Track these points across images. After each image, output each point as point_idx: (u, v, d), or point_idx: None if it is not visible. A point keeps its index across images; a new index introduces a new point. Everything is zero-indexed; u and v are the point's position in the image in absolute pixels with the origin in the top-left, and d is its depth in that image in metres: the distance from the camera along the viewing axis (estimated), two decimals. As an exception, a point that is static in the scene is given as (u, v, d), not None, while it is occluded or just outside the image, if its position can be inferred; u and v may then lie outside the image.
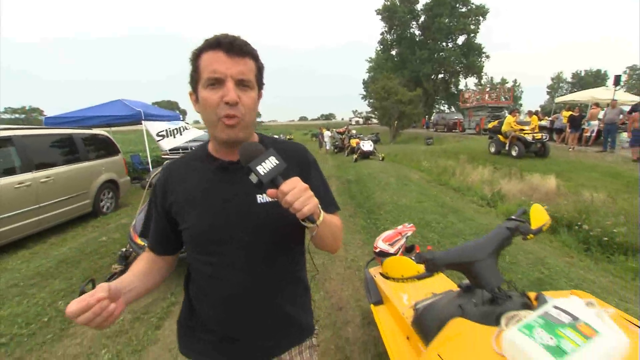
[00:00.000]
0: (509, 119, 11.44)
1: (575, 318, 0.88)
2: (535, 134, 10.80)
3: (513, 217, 1.45)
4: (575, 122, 12.25)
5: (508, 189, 7.23)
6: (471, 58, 38.91)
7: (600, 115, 12.16)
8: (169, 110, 15.86)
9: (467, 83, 42.99)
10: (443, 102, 45.38)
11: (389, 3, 38.67)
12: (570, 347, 0.81)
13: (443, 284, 2.09)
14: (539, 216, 1.42)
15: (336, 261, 3.67)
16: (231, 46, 0.79)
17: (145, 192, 4.25)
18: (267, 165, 0.74)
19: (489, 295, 1.23)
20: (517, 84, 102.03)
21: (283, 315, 0.95)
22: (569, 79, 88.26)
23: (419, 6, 39.32)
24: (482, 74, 40.94)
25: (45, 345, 2.33)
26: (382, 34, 41.00)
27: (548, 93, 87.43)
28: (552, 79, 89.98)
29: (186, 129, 8.96)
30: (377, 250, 2.19)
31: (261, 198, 0.88)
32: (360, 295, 2.91)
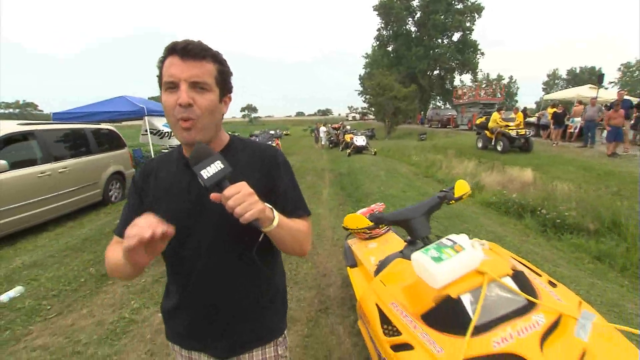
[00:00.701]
0: (494, 115, 12.01)
1: (454, 242, 1.42)
2: (519, 130, 11.37)
3: (445, 189, 2.00)
4: (559, 119, 12.83)
5: (488, 180, 7.80)
6: (466, 55, 39.42)
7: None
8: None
9: (463, 79, 43.41)
10: (439, 98, 45.86)
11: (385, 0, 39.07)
12: (446, 257, 1.36)
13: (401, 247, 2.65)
14: (461, 188, 1.97)
15: (323, 240, 4.23)
16: (185, 51, 0.82)
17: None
18: (212, 169, 0.75)
19: (421, 244, 1.78)
20: (513, 81, 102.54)
21: (247, 313, 0.98)
22: (564, 76, 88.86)
23: (415, 2, 39.70)
24: (477, 70, 41.54)
25: (86, 298, 2.93)
26: (378, 30, 41.38)
27: (544, 89, 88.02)
28: (548, 76, 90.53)
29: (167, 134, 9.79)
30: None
31: None
32: (342, 266, 3.46)
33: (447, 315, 1.28)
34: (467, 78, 42.76)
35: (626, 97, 10.89)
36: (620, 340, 1.20)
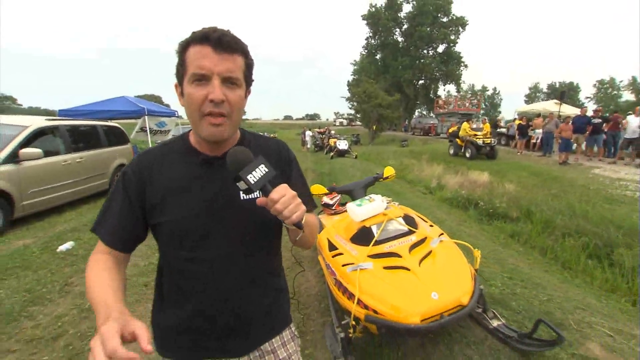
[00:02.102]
0: (464, 125, 13.27)
1: (370, 197, 2.47)
2: (485, 139, 12.62)
3: (378, 173, 3.05)
4: (522, 130, 14.20)
5: (451, 182, 8.94)
6: (450, 66, 41.07)
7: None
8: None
9: (447, 90, 45.09)
10: (424, 107, 47.49)
11: (373, 10, 40.51)
12: (364, 204, 2.40)
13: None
14: (388, 172, 3.02)
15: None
16: (219, 42, 0.77)
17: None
18: (257, 173, 0.75)
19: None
20: (497, 92, 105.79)
21: (263, 307, 0.96)
22: (545, 89, 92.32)
23: (403, 14, 41.20)
24: (461, 81, 43.28)
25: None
26: (366, 39, 42.70)
27: (525, 102, 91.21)
28: (530, 89, 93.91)
29: (162, 132, 10.82)
30: (323, 202, 3.73)
31: (244, 195, 0.88)
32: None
33: (362, 236, 2.31)
34: (451, 88, 44.41)
35: (589, 114, 12.18)
36: (452, 246, 2.27)
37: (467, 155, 12.87)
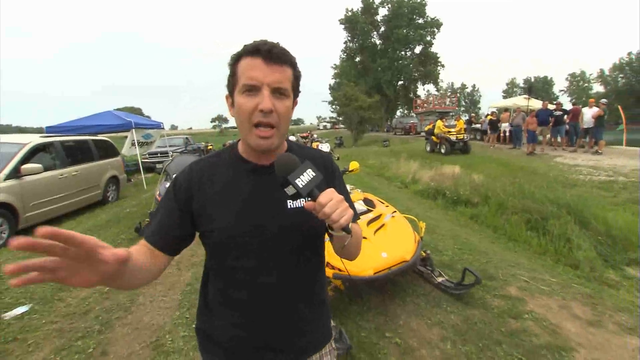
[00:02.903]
0: (438, 123, 14.05)
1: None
2: (458, 135, 13.41)
3: (346, 167, 3.62)
4: (493, 125, 15.07)
5: (425, 176, 9.60)
6: (428, 66, 42.29)
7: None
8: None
9: (426, 89, 46.21)
10: (405, 107, 48.60)
11: (350, 14, 41.45)
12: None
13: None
14: (353, 165, 3.59)
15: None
16: (269, 54, 0.80)
17: (162, 175, 5.87)
18: (305, 177, 0.75)
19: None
20: (476, 89, 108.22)
21: (305, 320, 0.95)
22: (521, 84, 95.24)
23: (379, 17, 42.23)
24: (439, 80, 44.54)
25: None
26: (345, 42, 43.48)
27: (503, 97, 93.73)
28: (507, 84, 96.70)
29: (147, 143, 11.26)
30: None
31: (291, 204, 0.88)
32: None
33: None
34: (431, 87, 45.55)
35: (550, 106, 13.08)
36: (402, 220, 2.87)
37: (442, 151, 13.62)
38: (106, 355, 2.27)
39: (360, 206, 2.96)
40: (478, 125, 18.89)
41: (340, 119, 31.81)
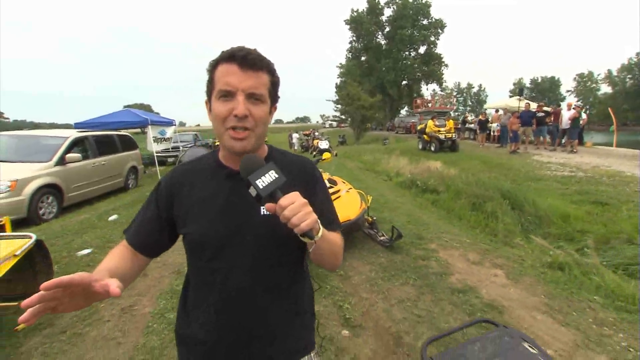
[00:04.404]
0: (429, 122, 15.05)
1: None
2: (447, 134, 14.41)
3: (319, 156, 4.74)
4: (482, 125, 16.02)
5: (412, 171, 10.65)
6: (432, 66, 42.93)
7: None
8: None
9: (433, 89, 46.68)
10: (407, 106, 49.30)
11: (355, 14, 42.29)
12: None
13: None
14: (326, 156, 4.72)
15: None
16: (244, 60, 0.81)
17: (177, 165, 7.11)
18: (267, 179, 0.74)
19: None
20: (482, 89, 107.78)
21: (279, 329, 0.94)
22: (528, 85, 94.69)
23: (384, 18, 42.82)
24: (443, 80, 45.13)
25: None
26: (350, 42, 44.35)
27: (510, 97, 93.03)
28: (514, 84, 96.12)
29: (165, 140, 12.30)
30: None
31: (264, 210, 0.87)
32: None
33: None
34: (435, 88, 46.07)
35: (533, 109, 13.99)
36: (354, 193, 4.01)
37: (432, 149, 14.63)
38: (146, 276, 3.42)
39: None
40: (472, 126, 19.84)
41: (343, 117, 32.72)
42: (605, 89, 75.38)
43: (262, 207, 0.87)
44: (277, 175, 0.75)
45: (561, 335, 2.33)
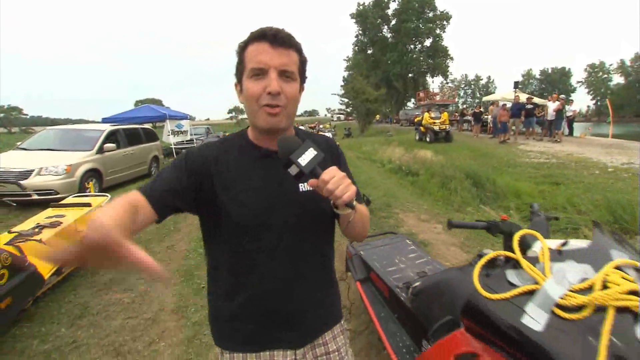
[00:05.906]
0: (425, 115, 16.02)
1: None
2: (441, 126, 15.36)
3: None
4: (477, 117, 16.91)
5: (401, 158, 11.70)
6: (437, 59, 43.23)
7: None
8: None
9: (435, 81, 47.08)
10: (413, 99, 49.80)
11: (361, 8, 42.82)
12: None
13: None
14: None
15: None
16: (275, 38, 0.82)
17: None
18: (307, 156, 0.77)
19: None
20: (491, 80, 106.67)
21: (317, 300, 0.99)
22: (538, 76, 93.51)
23: (390, 11, 43.07)
24: (448, 73, 45.44)
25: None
26: (356, 36, 44.81)
27: (520, 88, 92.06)
28: (523, 76, 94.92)
29: (182, 132, 13.43)
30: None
31: (303, 187, 0.91)
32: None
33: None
34: (441, 80, 46.42)
35: (521, 101, 14.86)
36: None
37: (428, 139, 15.61)
38: (178, 231, 4.64)
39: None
40: (469, 118, 20.72)
41: (349, 110, 33.57)
42: (617, 79, 74.22)
43: (300, 184, 0.91)
44: (316, 152, 0.78)
45: (462, 257, 3.47)
